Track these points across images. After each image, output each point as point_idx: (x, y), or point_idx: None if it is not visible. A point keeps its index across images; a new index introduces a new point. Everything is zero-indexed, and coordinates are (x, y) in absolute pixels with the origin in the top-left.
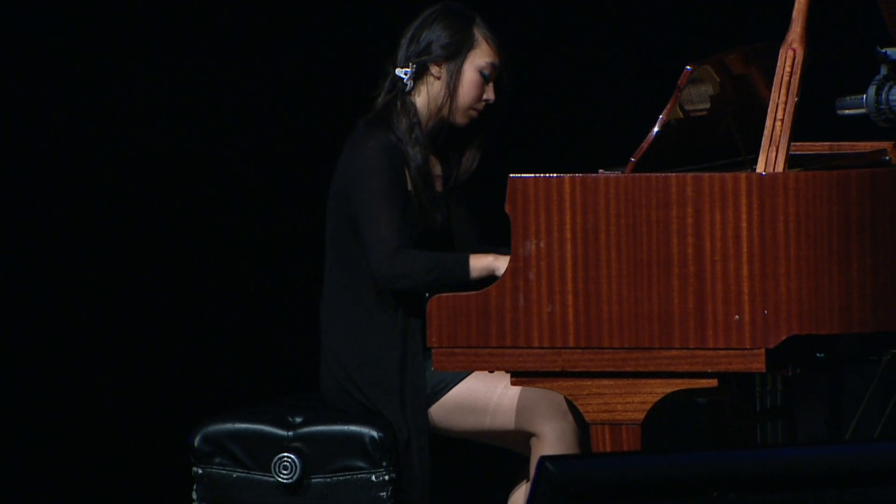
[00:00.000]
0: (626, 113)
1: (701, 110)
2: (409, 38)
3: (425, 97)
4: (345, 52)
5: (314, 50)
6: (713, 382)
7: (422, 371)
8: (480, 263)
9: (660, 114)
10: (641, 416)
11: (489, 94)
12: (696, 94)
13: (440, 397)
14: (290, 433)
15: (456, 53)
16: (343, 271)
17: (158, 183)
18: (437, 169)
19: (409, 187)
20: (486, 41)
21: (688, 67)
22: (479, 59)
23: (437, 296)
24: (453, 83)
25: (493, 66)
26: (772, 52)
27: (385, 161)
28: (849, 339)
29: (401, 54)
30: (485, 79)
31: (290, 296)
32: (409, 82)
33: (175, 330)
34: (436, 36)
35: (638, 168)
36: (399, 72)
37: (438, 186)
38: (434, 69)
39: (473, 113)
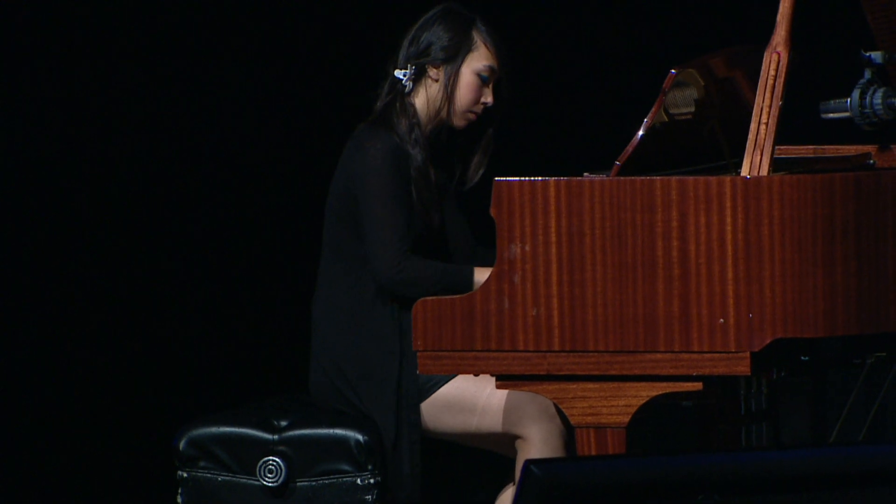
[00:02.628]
0: (610, 116)
1: (685, 114)
2: (410, 39)
3: (424, 99)
4: (346, 51)
5: (315, 48)
6: (698, 385)
7: (416, 368)
8: (484, 277)
9: (644, 117)
10: (626, 419)
11: (487, 98)
12: (681, 97)
13: (429, 395)
14: (276, 436)
15: (454, 56)
16: (341, 267)
17: (145, 184)
18: (433, 172)
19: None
20: (485, 44)
21: (672, 71)
22: (476, 62)
23: (421, 299)
24: (450, 86)
25: (491, 69)
26: (756, 55)
27: (391, 163)
28: (833, 342)
29: (401, 56)
30: (483, 81)
31: (276, 298)
32: (407, 84)
33: (160, 333)
34: (435, 38)
35: (623, 171)
36: (398, 73)
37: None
38: (432, 71)
39: (471, 116)
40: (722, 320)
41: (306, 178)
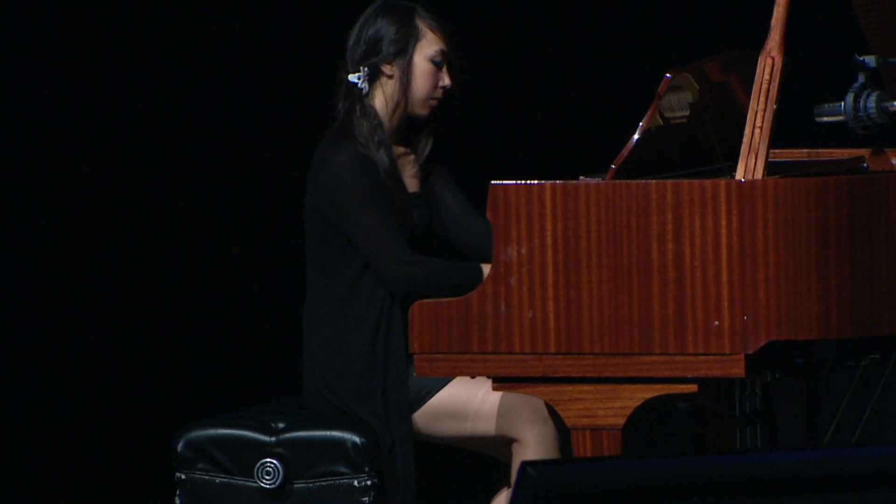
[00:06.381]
0: (606, 120)
1: (680, 117)
2: (355, 40)
3: (382, 98)
4: (326, 53)
5: (296, 52)
6: (693, 388)
7: (405, 376)
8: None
9: (640, 121)
10: (622, 421)
11: (444, 81)
12: (676, 101)
13: (422, 404)
14: (273, 439)
15: (404, 49)
16: (322, 280)
17: (143, 188)
18: (413, 166)
19: None
20: (431, 29)
21: (667, 75)
22: (427, 48)
23: (418, 301)
24: (406, 79)
25: (442, 52)
26: (750, 59)
27: (361, 172)
28: (827, 345)
29: (350, 58)
30: (437, 66)
31: (274, 301)
32: (363, 86)
33: (158, 335)
34: (381, 34)
35: (618, 175)
36: (352, 77)
37: (416, 185)
38: (386, 68)
39: (433, 102)
40: (717, 323)
41: (303, 181)
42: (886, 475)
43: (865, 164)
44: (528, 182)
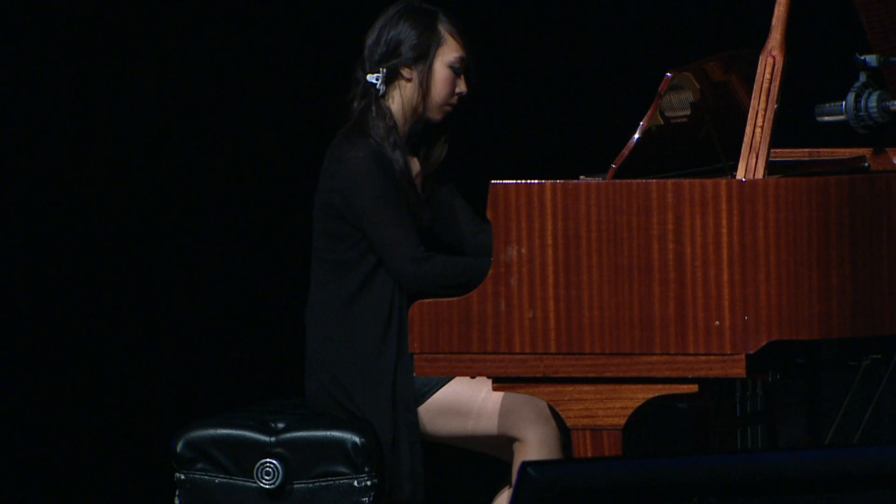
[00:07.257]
0: (607, 119)
1: (681, 117)
2: (375, 40)
3: (399, 100)
4: (335, 51)
5: (304, 49)
6: (693, 388)
7: (412, 370)
8: None
9: (640, 120)
10: (622, 421)
11: (461, 87)
12: (677, 100)
13: (424, 400)
14: (273, 439)
15: (425, 54)
16: (332, 274)
17: (144, 187)
18: (417, 168)
19: None
20: (452, 36)
21: (668, 74)
22: (447, 55)
23: (418, 301)
24: (426, 84)
25: (461, 59)
26: (751, 58)
27: (376, 168)
28: (828, 345)
29: (368, 58)
30: (456, 73)
31: (274, 301)
32: (381, 87)
33: (158, 335)
34: (402, 37)
35: (619, 174)
36: (370, 78)
37: (419, 186)
38: (405, 71)
39: (448, 108)
40: (717, 323)
41: (305, 181)
42: (887, 475)
43: (867, 164)
44: (529, 182)
